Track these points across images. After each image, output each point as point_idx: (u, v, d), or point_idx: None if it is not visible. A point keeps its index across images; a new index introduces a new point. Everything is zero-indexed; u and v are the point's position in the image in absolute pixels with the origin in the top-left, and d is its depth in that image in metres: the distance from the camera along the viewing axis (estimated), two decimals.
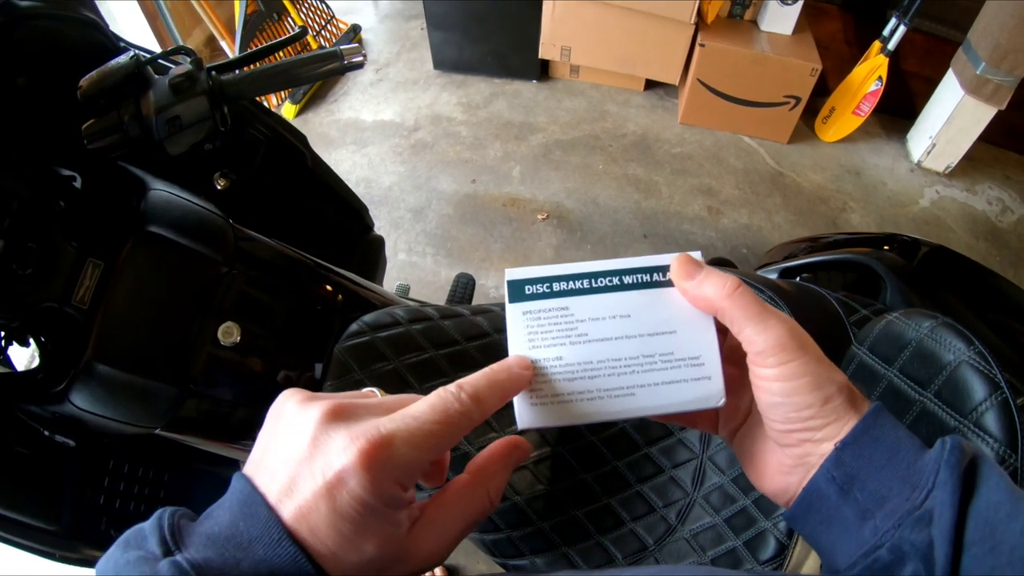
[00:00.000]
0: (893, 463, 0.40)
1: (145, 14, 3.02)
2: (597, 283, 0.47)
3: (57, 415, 0.84)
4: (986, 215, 2.89)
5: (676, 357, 0.46)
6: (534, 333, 0.46)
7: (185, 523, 0.37)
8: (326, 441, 0.37)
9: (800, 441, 0.43)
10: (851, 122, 3.05)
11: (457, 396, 0.40)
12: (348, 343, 0.96)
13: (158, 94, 0.85)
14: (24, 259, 0.76)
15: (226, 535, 0.35)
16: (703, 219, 2.79)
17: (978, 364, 0.62)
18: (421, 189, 2.89)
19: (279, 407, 0.41)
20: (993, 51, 2.53)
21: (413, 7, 3.99)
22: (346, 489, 0.35)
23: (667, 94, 3.40)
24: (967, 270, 1.14)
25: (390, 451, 0.36)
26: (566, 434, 0.95)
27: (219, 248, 0.91)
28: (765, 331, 0.41)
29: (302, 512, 0.35)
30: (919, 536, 0.37)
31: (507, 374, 0.43)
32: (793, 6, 2.86)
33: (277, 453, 0.38)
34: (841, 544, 0.41)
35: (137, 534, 0.36)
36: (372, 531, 0.36)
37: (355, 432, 0.37)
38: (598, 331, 0.46)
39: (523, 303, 0.46)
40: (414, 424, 0.38)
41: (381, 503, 0.36)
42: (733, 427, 0.51)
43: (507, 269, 0.48)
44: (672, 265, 0.46)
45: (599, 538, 0.88)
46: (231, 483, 0.38)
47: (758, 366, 0.42)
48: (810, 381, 0.41)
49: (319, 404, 0.39)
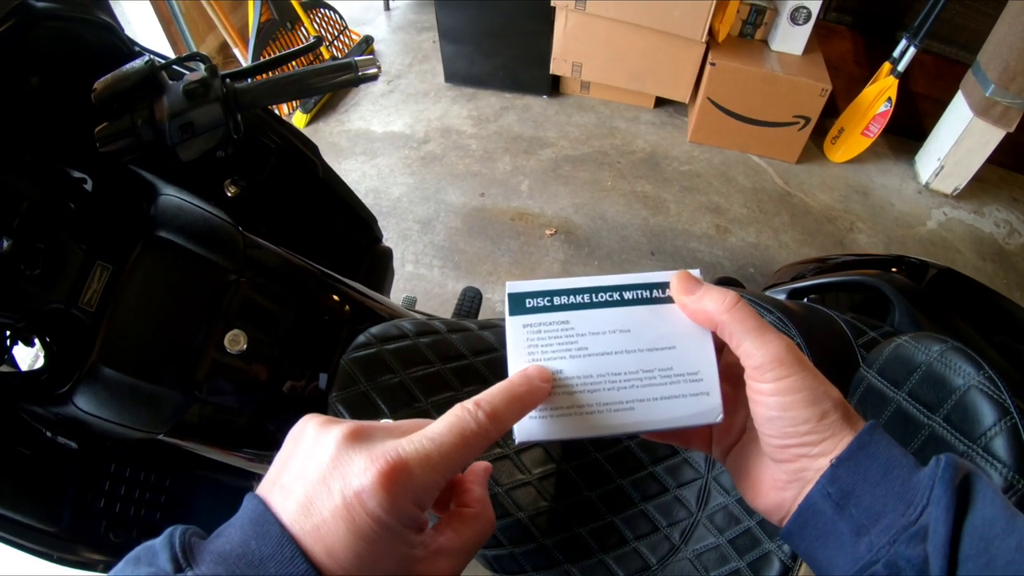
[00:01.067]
0: (888, 479, 0.40)
1: (160, 19, 3.04)
2: (598, 298, 0.47)
3: (60, 417, 0.84)
4: (993, 237, 2.89)
5: (675, 372, 0.46)
6: (534, 346, 0.46)
7: (196, 541, 0.37)
8: (346, 461, 0.37)
9: (796, 456, 0.43)
10: (860, 143, 3.05)
11: (474, 415, 0.40)
12: (355, 355, 0.96)
13: (172, 99, 0.85)
14: (32, 259, 0.76)
15: (238, 553, 0.35)
16: (711, 237, 2.79)
17: (988, 389, 0.61)
18: (430, 201, 2.90)
19: (299, 429, 0.42)
20: (1002, 73, 2.54)
21: (426, 20, 4.02)
22: (364, 508, 0.35)
23: (676, 112, 3.41)
24: (975, 292, 1.14)
25: (408, 472, 0.37)
26: (571, 451, 0.94)
27: (228, 255, 0.91)
28: (764, 345, 0.42)
29: (319, 531, 0.35)
30: (914, 552, 0.37)
31: (527, 387, 0.43)
32: (804, 26, 2.87)
33: (295, 473, 0.38)
34: (837, 560, 0.41)
35: (147, 551, 0.36)
36: (388, 552, 0.36)
37: (375, 453, 0.37)
38: (598, 345, 0.46)
39: (524, 316, 0.47)
40: (431, 445, 0.38)
41: (398, 523, 0.36)
42: (727, 446, 0.51)
43: (508, 282, 0.48)
44: (672, 281, 0.47)
45: (602, 556, 0.87)
46: (243, 503, 0.38)
47: (756, 380, 0.43)
48: (807, 396, 0.41)
49: (339, 426, 0.40)
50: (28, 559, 0.85)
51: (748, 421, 0.47)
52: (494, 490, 0.90)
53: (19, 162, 0.79)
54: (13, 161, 0.78)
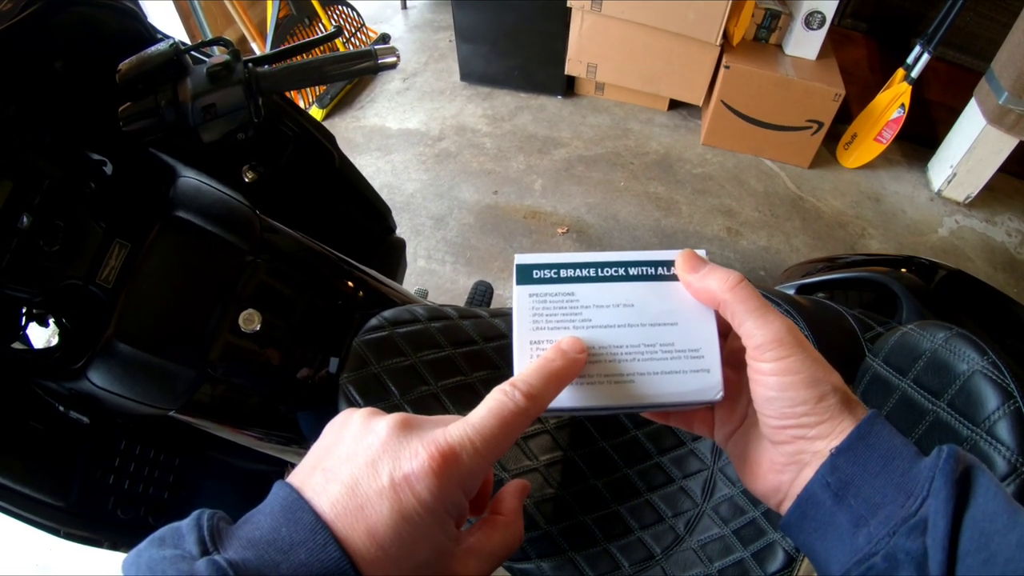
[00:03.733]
0: (888, 470, 0.40)
1: (179, 12, 3.07)
2: (603, 272, 0.48)
3: (74, 392, 0.85)
4: (1005, 246, 2.88)
5: (676, 348, 0.46)
6: (539, 315, 0.47)
7: (224, 525, 0.37)
8: (396, 446, 0.38)
9: (793, 438, 0.43)
10: (872, 149, 3.05)
11: (512, 396, 0.41)
12: (366, 337, 0.96)
13: (195, 81, 0.86)
14: (52, 236, 0.77)
15: (267, 539, 0.35)
16: (722, 239, 2.79)
17: (991, 373, 0.62)
18: (443, 197, 2.91)
19: (343, 419, 0.43)
20: (1016, 81, 2.53)
21: (442, 19, 4.03)
22: (413, 491, 0.36)
23: (690, 114, 3.41)
24: (985, 295, 1.13)
25: (457, 459, 0.38)
26: (578, 440, 0.95)
27: (245, 236, 0.92)
28: (765, 325, 0.42)
29: (362, 511, 0.36)
30: (913, 544, 0.37)
31: (562, 360, 0.44)
32: (818, 31, 2.87)
33: (342, 456, 0.39)
34: (835, 552, 0.41)
35: (173, 532, 0.36)
36: (428, 538, 0.37)
37: (425, 440, 0.38)
38: (601, 318, 0.47)
39: (530, 286, 0.48)
40: (473, 431, 0.39)
41: (443, 509, 0.37)
42: (728, 431, 0.52)
43: (517, 254, 0.49)
44: (677, 259, 0.47)
45: (607, 545, 0.88)
46: (272, 491, 0.38)
47: (756, 360, 0.43)
48: (806, 377, 0.42)
49: (389, 416, 0.41)
50: (36, 533, 0.86)
51: (750, 407, 0.47)
52: (501, 475, 0.90)
53: (41, 143, 0.80)
54: (35, 142, 0.79)
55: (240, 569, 0.32)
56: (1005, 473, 0.59)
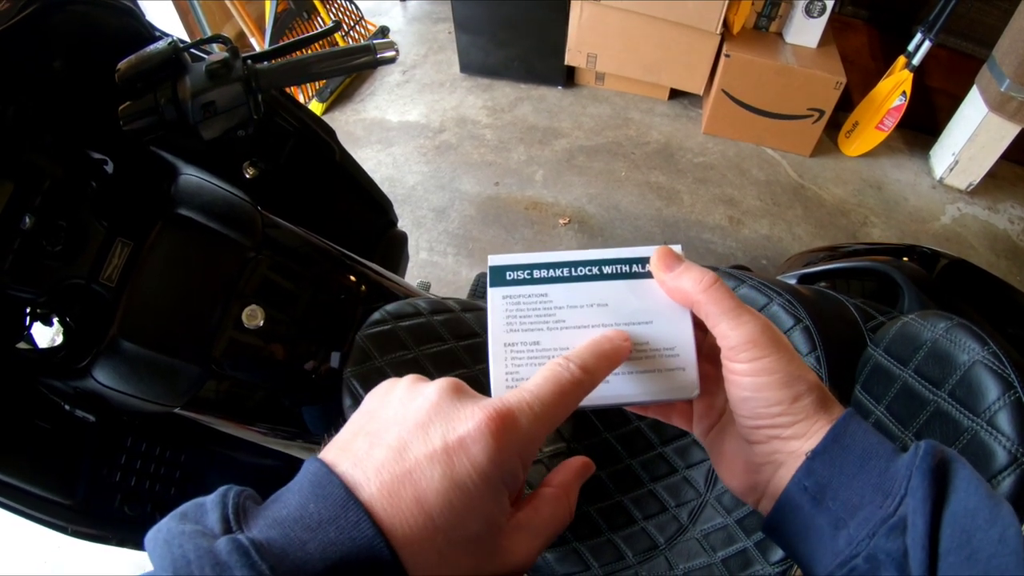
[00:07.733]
0: (865, 471, 0.40)
1: (177, 8, 3.06)
2: (577, 272, 0.48)
3: (79, 390, 0.86)
4: (1007, 234, 2.87)
5: (652, 347, 0.46)
6: (512, 317, 0.47)
7: (250, 504, 0.34)
8: (449, 408, 0.36)
9: (768, 438, 0.43)
10: (874, 137, 3.04)
11: (567, 367, 0.40)
12: (370, 331, 0.97)
13: (194, 79, 0.87)
14: (54, 236, 0.78)
15: (294, 517, 0.32)
16: (724, 228, 2.79)
17: (992, 364, 0.62)
18: (444, 189, 2.91)
19: (387, 386, 0.41)
20: (1018, 68, 2.52)
21: (441, 10, 4.01)
22: (467, 455, 0.34)
23: (691, 104, 3.40)
24: (987, 284, 1.13)
25: (516, 422, 0.36)
26: (582, 431, 0.95)
27: (247, 233, 0.92)
28: (739, 327, 0.42)
29: (411, 475, 0.33)
30: (893, 544, 0.37)
31: (610, 344, 0.44)
32: (819, 19, 2.85)
33: (387, 419, 0.37)
34: (817, 554, 0.41)
35: (197, 508, 0.34)
36: (480, 508, 0.35)
37: (481, 403, 0.37)
38: (575, 318, 0.47)
39: (504, 288, 0.47)
40: (531, 397, 0.38)
41: (499, 476, 0.35)
42: (707, 425, 0.51)
43: (490, 255, 0.49)
44: (652, 257, 0.47)
45: (610, 535, 0.88)
46: (302, 466, 0.36)
47: (731, 361, 0.43)
48: (780, 378, 0.42)
49: (439, 379, 0.39)
50: (44, 531, 0.87)
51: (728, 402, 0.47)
52: None
53: (42, 143, 0.80)
54: (36, 142, 0.79)
55: (264, 549, 0.30)
56: (1006, 463, 0.59)
